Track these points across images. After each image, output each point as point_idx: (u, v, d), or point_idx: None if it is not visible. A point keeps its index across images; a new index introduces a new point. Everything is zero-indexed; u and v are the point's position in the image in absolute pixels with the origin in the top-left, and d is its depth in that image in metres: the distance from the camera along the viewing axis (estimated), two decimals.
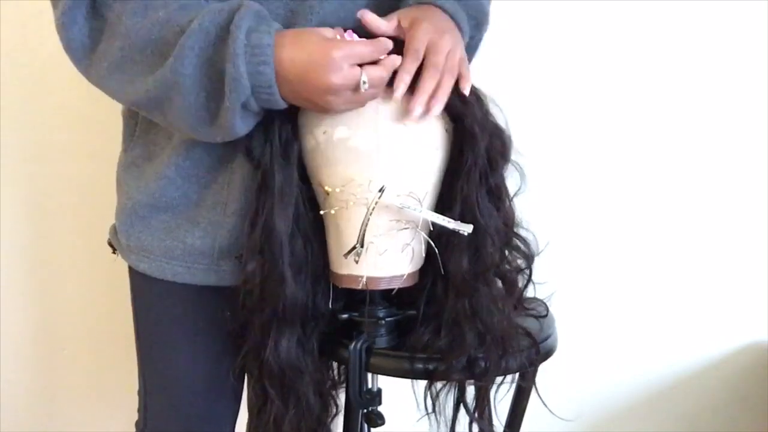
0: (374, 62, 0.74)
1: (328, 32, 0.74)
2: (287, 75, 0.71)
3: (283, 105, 0.74)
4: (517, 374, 0.89)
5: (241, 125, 0.75)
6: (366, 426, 0.99)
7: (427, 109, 0.76)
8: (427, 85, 0.76)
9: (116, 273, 1.49)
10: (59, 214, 1.49)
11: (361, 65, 0.72)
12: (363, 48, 0.73)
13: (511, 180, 0.86)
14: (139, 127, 0.90)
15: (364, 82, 0.71)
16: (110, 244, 0.97)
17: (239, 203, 0.85)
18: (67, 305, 1.54)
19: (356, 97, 0.73)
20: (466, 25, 0.85)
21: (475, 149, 0.80)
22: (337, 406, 0.94)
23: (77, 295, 1.54)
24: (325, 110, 0.75)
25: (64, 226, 1.50)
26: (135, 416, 1.33)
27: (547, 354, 0.89)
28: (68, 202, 1.48)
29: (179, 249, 0.87)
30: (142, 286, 0.95)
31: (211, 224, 0.86)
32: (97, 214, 1.46)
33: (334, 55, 0.70)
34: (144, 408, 1.04)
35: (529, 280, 0.88)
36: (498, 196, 0.82)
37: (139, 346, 1.01)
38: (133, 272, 0.95)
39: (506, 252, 0.85)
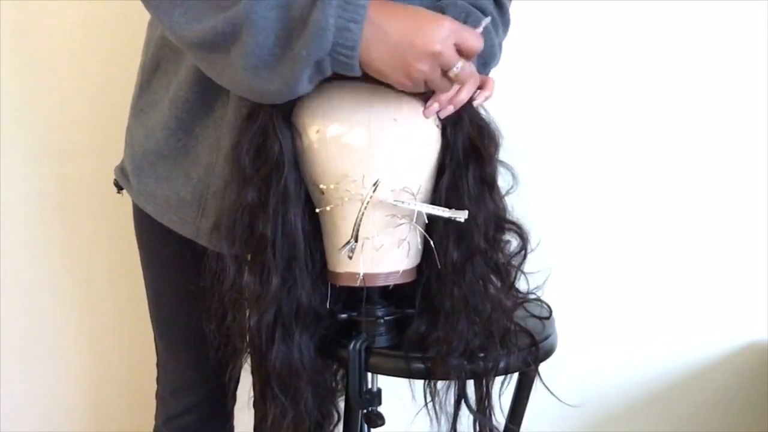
0: None
1: None
2: (388, 34, 0.69)
3: (357, 72, 0.72)
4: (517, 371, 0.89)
5: (306, 83, 0.72)
6: (366, 426, 0.99)
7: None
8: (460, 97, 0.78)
9: (117, 274, 1.50)
10: (59, 214, 1.49)
11: None
12: (470, 34, 0.72)
13: (505, 179, 0.86)
14: (142, 77, 0.95)
15: (457, 68, 0.71)
16: (116, 184, 1.03)
17: (225, 168, 0.87)
18: (67, 306, 1.54)
19: (440, 81, 0.73)
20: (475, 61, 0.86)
21: (460, 140, 0.81)
22: (338, 413, 0.94)
23: (77, 296, 1.54)
24: (409, 82, 0.72)
25: (64, 226, 1.50)
26: (135, 417, 1.33)
27: (547, 353, 0.89)
28: (68, 202, 1.48)
29: (175, 199, 0.92)
30: (145, 228, 1.01)
31: (200, 181, 0.91)
32: (98, 215, 1.47)
33: (446, 25, 0.70)
34: (157, 355, 1.12)
35: (523, 261, 0.88)
36: (487, 186, 0.83)
37: (147, 295, 1.07)
38: (137, 214, 1.01)
39: (498, 241, 0.85)
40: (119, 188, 1.03)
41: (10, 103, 1.43)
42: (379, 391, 0.92)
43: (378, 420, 0.87)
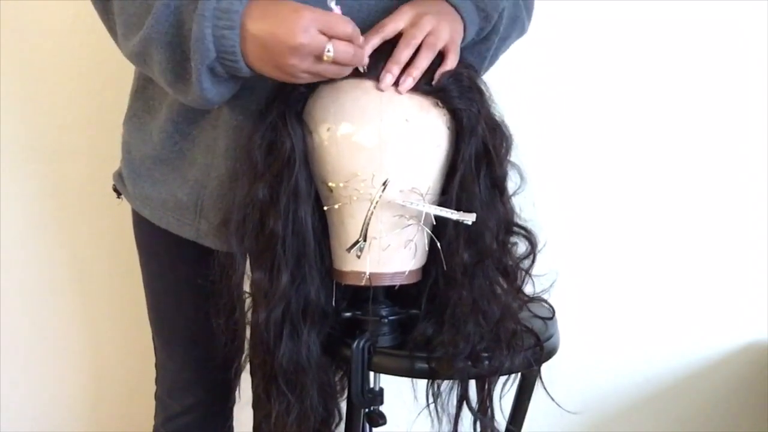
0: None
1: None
2: (255, 35, 0.70)
3: (247, 72, 0.74)
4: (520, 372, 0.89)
5: (212, 90, 0.75)
6: (367, 426, 0.99)
7: (397, 83, 0.77)
8: (399, 56, 0.77)
9: (116, 275, 1.49)
10: (58, 214, 1.49)
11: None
12: (334, 18, 0.72)
13: (512, 179, 0.86)
14: (138, 83, 0.96)
15: (329, 51, 0.70)
16: (115, 190, 1.03)
17: (221, 169, 0.88)
18: (66, 306, 1.54)
19: (318, 67, 0.72)
20: (474, 15, 0.84)
21: (473, 142, 0.80)
22: (339, 413, 0.94)
23: (77, 296, 1.53)
24: (289, 77, 0.73)
25: (62, 226, 1.50)
26: (134, 417, 1.33)
27: (550, 353, 0.89)
28: (67, 202, 1.48)
29: (171, 202, 0.93)
30: (143, 230, 1.02)
31: (197, 183, 0.91)
32: (97, 215, 1.47)
33: (304, 15, 0.70)
34: (155, 356, 1.12)
35: (532, 265, 0.88)
36: (498, 189, 0.83)
37: (145, 296, 1.08)
38: (136, 216, 1.01)
39: (507, 244, 0.85)
40: (118, 194, 1.03)
41: (9, 104, 1.42)
42: (381, 390, 0.92)
43: (380, 419, 0.87)
